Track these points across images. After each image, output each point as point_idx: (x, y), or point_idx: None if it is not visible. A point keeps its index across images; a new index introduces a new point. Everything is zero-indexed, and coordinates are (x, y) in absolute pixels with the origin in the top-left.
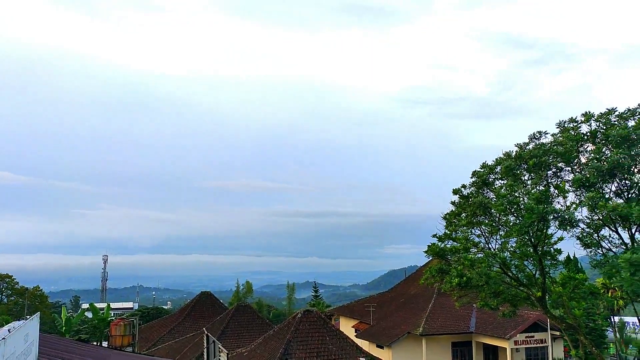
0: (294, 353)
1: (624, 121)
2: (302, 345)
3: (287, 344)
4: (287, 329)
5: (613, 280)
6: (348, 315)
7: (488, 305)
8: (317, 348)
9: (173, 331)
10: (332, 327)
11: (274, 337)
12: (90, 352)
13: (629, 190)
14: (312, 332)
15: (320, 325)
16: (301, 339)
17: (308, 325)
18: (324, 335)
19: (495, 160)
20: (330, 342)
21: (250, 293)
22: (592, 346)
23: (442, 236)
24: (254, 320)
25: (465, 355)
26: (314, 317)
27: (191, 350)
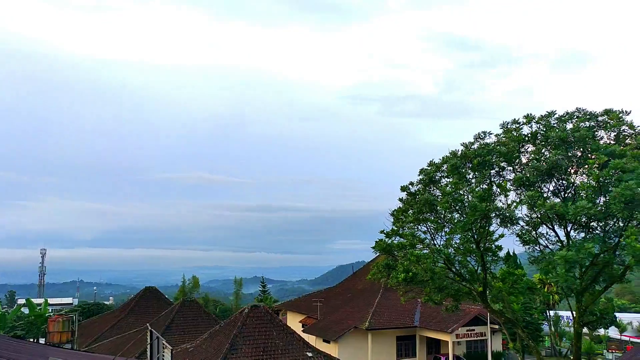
0: (240, 348)
1: (563, 124)
2: (249, 340)
3: (233, 339)
4: (234, 324)
5: (549, 276)
6: (295, 310)
7: (432, 300)
8: (263, 343)
9: (115, 327)
10: (279, 322)
11: (220, 332)
12: (26, 349)
13: (565, 190)
14: (259, 328)
15: (267, 321)
16: (248, 334)
17: (255, 321)
18: (271, 330)
19: (442, 158)
20: (277, 337)
21: (196, 288)
22: (528, 339)
23: (389, 232)
24: (200, 315)
25: (409, 348)
26: (261, 313)
27: (134, 346)
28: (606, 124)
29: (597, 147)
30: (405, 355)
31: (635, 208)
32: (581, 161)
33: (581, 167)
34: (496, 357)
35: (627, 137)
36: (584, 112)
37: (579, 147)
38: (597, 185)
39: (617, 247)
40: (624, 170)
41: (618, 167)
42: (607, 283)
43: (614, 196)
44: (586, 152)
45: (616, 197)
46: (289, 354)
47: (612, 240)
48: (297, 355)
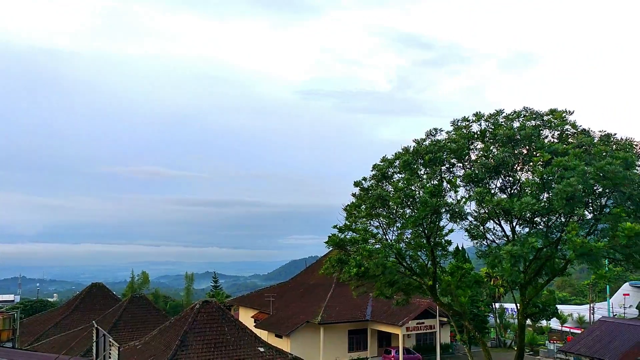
0: (191, 344)
1: (510, 122)
2: (200, 336)
3: (184, 336)
4: (185, 320)
5: (496, 269)
6: (248, 305)
7: (383, 294)
8: (215, 339)
9: (59, 325)
10: (231, 318)
11: (170, 328)
12: None
13: (511, 187)
14: (210, 323)
15: (218, 316)
16: (198, 330)
17: (206, 316)
18: (223, 326)
19: (394, 154)
20: (229, 333)
21: (146, 284)
22: (475, 331)
23: (342, 227)
24: (149, 312)
25: (361, 342)
26: (212, 308)
27: (79, 344)
28: (551, 123)
29: (542, 145)
30: (357, 349)
31: (576, 204)
32: (527, 158)
33: (526, 165)
34: (444, 349)
35: (569, 136)
36: (530, 111)
37: (525, 145)
38: (541, 182)
39: (558, 241)
40: (566, 168)
41: (561, 165)
42: (549, 276)
43: (556, 193)
44: (531, 149)
45: (558, 194)
46: (241, 350)
47: (554, 235)
48: (249, 350)
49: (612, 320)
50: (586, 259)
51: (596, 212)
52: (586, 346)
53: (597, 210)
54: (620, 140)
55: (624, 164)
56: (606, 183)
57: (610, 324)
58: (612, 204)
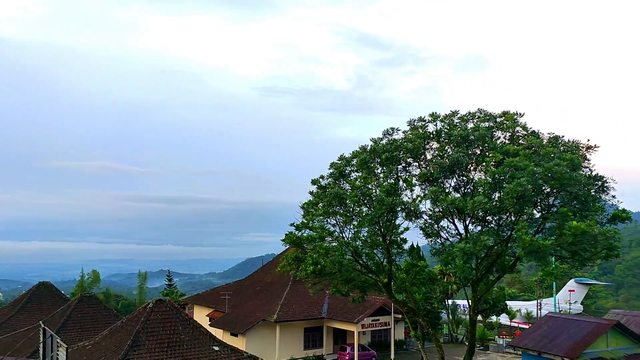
0: (143, 344)
1: (465, 123)
2: (153, 336)
3: (136, 335)
4: (137, 320)
5: (449, 267)
6: (203, 303)
7: (340, 292)
8: (168, 338)
9: (4, 325)
10: (185, 317)
11: (122, 328)
12: None
13: (465, 186)
14: (164, 322)
15: (172, 315)
16: (151, 329)
17: (159, 315)
18: (177, 325)
19: (352, 153)
20: (183, 332)
21: (96, 283)
22: (428, 327)
23: (299, 225)
24: (99, 311)
25: (316, 339)
26: (166, 307)
27: (24, 345)
28: (503, 125)
29: (494, 146)
30: (313, 346)
31: (526, 203)
32: (480, 159)
33: (480, 165)
34: (399, 345)
35: (520, 137)
36: (484, 112)
37: (478, 146)
38: (493, 182)
39: (509, 239)
40: (517, 168)
41: (512, 165)
42: (499, 273)
43: (507, 192)
44: (484, 150)
45: (509, 193)
46: (195, 349)
47: (505, 233)
48: (203, 349)
49: (558, 315)
50: (534, 257)
51: (544, 211)
52: (534, 341)
53: (545, 210)
54: (567, 142)
55: (570, 165)
56: (554, 183)
57: (556, 319)
58: (559, 204)
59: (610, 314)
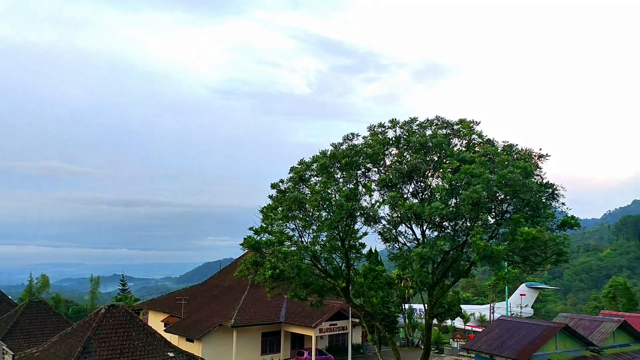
0: (95, 351)
1: (423, 130)
2: (105, 342)
3: (87, 342)
4: (88, 326)
5: (406, 271)
6: (158, 309)
7: (298, 296)
8: (121, 345)
9: None
10: (139, 323)
11: (72, 334)
12: None
13: (423, 192)
14: (117, 328)
15: (125, 321)
16: (103, 335)
17: (112, 321)
18: (130, 331)
19: (312, 157)
20: (137, 338)
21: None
22: (385, 331)
23: (258, 229)
24: (49, 317)
25: (274, 344)
26: (119, 313)
27: None
28: (460, 132)
29: (451, 153)
30: (270, 351)
31: (481, 210)
32: (437, 165)
33: (437, 171)
34: (356, 349)
35: (476, 145)
36: (441, 120)
37: (436, 152)
38: (450, 188)
39: (464, 244)
40: (473, 175)
41: (468, 172)
42: (454, 277)
43: (463, 198)
44: (442, 157)
45: (465, 200)
46: (149, 355)
47: (461, 238)
48: (158, 356)
49: (510, 319)
50: (488, 261)
51: (498, 217)
52: (486, 344)
53: (499, 216)
54: (520, 150)
55: (523, 173)
56: (507, 190)
57: (508, 322)
58: (512, 210)
59: (559, 318)
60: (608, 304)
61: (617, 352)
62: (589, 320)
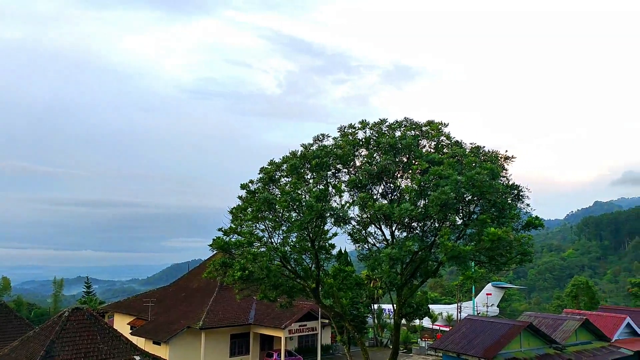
0: (58, 355)
1: (392, 131)
2: (69, 346)
3: (50, 346)
4: (51, 329)
5: (375, 272)
6: (124, 311)
7: (267, 297)
8: (85, 348)
9: None
10: (105, 326)
11: (34, 338)
12: None
13: (392, 193)
14: (81, 332)
15: (90, 324)
16: (67, 339)
17: (76, 324)
18: (95, 334)
19: (282, 158)
20: (102, 342)
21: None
22: (354, 331)
23: (227, 230)
24: (10, 321)
25: (243, 346)
26: (83, 315)
27: None
28: (428, 134)
29: (420, 154)
30: (239, 353)
31: (449, 210)
32: (406, 166)
33: (406, 172)
34: (325, 350)
35: (444, 146)
36: (410, 121)
37: (405, 154)
38: (419, 189)
39: (432, 245)
40: (441, 177)
41: (436, 174)
42: (423, 277)
43: (432, 200)
44: (411, 158)
45: (434, 201)
46: (115, 359)
47: (429, 239)
48: (124, 359)
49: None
50: (456, 261)
51: (465, 218)
52: (453, 343)
53: (466, 217)
54: (487, 152)
55: (490, 174)
56: (475, 191)
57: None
58: (479, 211)
59: (524, 316)
60: (570, 302)
61: (579, 350)
62: (552, 318)
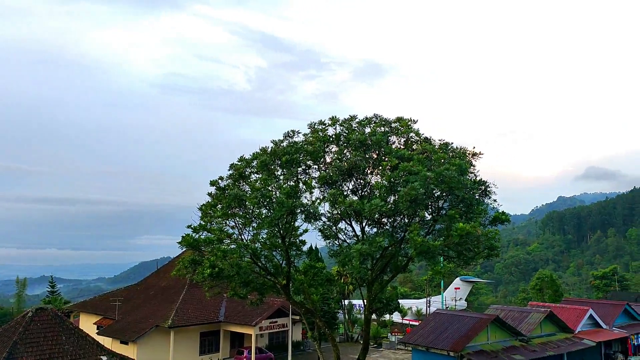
0: (21, 357)
1: (362, 128)
2: (32, 347)
3: (13, 347)
4: (14, 330)
5: (346, 267)
6: (90, 311)
7: (237, 295)
8: (50, 349)
9: None
10: (70, 326)
11: None
12: None
13: (362, 189)
14: (45, 332)
15: (55, 324)
16: (31, 340)
17: (40, 325)
18: (60, 334)
19: (252, 154)
20: (67, 342)
21: None
22: (325, 327)
23: (197, 227)
24: None
25: (213, 344)
26: (48, 316)
27: None
28: (398, 130)
29: (390, 150)
30: (209, 351)
31: (418, 206)
32: (376, 163)
33: (376, 168)
34: (296, 346)
35: (414, 143)
36: (380, 118)
37: (375, 150)
38: (389, 185)
39: (402, 240)
40: (411, 173)
41: (406, 170)
42: (393, 273)
43: (401, 195)
44: (381, 154)
45: (403, 197)
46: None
47: (399, 234)
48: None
49: (445, 312)
50: (425, 256)
51: (434, 214)
52: (422, 337)
53: (436, 212)
54: (456, 148)
55: (458, 170)
56: (444, 187)
57: (443, 315)
58: (447, 207)
59: (491, 310)
60: (535, 295)
61: (544, 341)
62: (518, 311)
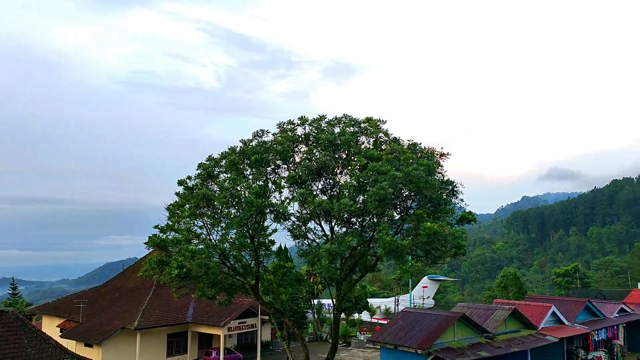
0: None
1: (332, 127)
2: None
3: None
4: None
5: (315, 267)
6: (53, 313)
7: (206, 295)
8: (12, 353)
9: None
10: (32, 329)
11: None
12: None
13: (332, 189)
14: (6, 336)
15: (16, 327)
16: None
17: (1, 329)
18: (21, 338)
19: (221, 154)
20: (29, 346)
21: None
22: (294, 327)
23: (164, 227)
24: None
25: (180, 345)
26: (8, 319)
27: None
28: (367, 131)
29: (359, 150)
30: (177, 353)
31: (387, 206)
32: (346, 162)
33: (345, 168)
34: (265, 346)
35: (382, 143)
36: (349, 118)
37: (344, 150)
38: (358, 185)
39: (371, 240)
40: (380, 172)
41: (375, 169)
42: (362, 272)
43: (370, 195)
44: (350, 154)
45: (372, 196)
46: None
47: (368, 234)
48: None
49: (413, 310)
50: (393, 256)
51: (403, 213)
52: (391, 335)
53: (404, 212)
54: (424, 149)
55: (426, 170)
56: (412, 187)
57: (411, 313)
58: (415, 206)
59: (457, 307)
60: (500, 293)
61: (509, 338)
62: (484, 309)
